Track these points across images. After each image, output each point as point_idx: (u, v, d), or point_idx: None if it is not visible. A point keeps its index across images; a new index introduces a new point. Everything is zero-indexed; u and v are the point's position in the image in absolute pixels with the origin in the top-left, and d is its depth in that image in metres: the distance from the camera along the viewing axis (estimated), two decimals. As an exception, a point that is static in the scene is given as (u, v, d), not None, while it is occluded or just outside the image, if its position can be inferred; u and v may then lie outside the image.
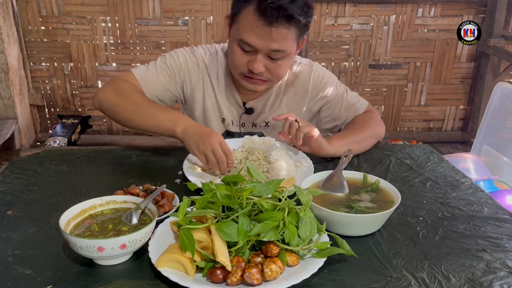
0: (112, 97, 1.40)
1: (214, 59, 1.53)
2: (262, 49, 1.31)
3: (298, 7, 1.26)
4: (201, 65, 1.52)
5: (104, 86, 1.46)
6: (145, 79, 1.45)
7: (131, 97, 1.39)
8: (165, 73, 1.48)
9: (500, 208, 1.15)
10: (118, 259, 0.88)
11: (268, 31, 1.27)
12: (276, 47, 1.30)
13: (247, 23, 1.29)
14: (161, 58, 1.52)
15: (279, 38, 1.29)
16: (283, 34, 1.29)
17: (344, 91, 1.58)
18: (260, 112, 1.56)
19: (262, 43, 1.30)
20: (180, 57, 1.50)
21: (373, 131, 1.51)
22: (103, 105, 1.42)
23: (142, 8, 3.64)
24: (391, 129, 4.18)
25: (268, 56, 1.34)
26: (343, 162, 1.21)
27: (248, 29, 1.30)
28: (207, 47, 1.56)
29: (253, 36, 1.29)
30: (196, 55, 1.52)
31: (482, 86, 3.97)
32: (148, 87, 1.45)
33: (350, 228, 0.99)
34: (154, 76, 1.47)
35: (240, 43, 1.33)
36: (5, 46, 3.22)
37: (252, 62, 1.34)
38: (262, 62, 1.34)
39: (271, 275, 0.81)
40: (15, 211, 1.08)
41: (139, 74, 1.46)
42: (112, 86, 1.43)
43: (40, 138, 3.80)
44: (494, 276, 0.88)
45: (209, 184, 0.94)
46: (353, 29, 3.85)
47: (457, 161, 2.72)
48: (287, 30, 1.29)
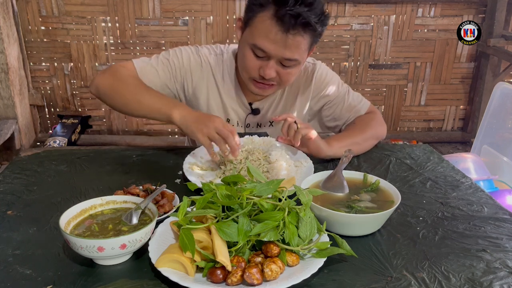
0: (109, 82, 1.39)
1: (219, 59, 1.52)
2: (275, 56, 1.31)
3: (316, 15, 1.26)
4: (205, 65, 1.51)
5: (102, 71, 1.45)
6: (144, 71, 1.44)
7: (128, 82, 1.37)
8: (166, 69, 1.47)
9: (500, 208, 1.15)
10: (118, 259, 0.88)
11: (283, 38, 1.27)
12: (289, 56, 1.30)
13: (263, 29, 1.28)
14: (164, 53, 1.50)
15: (293, 46, 1.29)
16: (298, 42, 1.28)
17: (347, 91, 1.58)
18: (265, 112, 1.56)
19: (276, 50, 1.29)
20: (184, 55, 1.49)
21: (374, 133, 1.50)
22: (100, 89, 1.40)
23: (142, 8, 3.64)
24: (391, 129, 4.19)
25: (280, 63, 1.34)
26: (343, 162, 1.21)
27: (263, 35, 1.28)
28: (212, 47, 1.55)
29: (268, 42, 1.28)
30: (201, 55, 1.51)
31: (482, 86, 3.97)
32: (147, 80, 1.43)
33: (350, 228, 0.99)
34: (154, 70, 1.45)
35: (253, 48, 1.32)
36: (5, 46, 3.22)
37: (264, 68, 1.33)
38: (274, 68, 1.34)
39: (271, 275, 0.81)
40: (15, 211, 1.08)
41: (139, 65, 1.45)
42: (110, 71, 1.42)
43: (40, 138, 3.80)
44: (494, 276, 0.88)
45: (209, 184, 0.94)
46: (353, 29, 3.85)
47: (457, 161, 2.72)
48: (302, 38, 1.28)
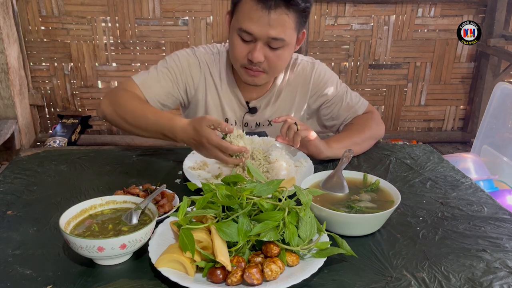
0: (110, 112, 1.39)
1: (216, 58, 1.52)
2: (260, 36, 1.30)
3: None
4: (203, 65, 1.51)
5: (104, 98, 1.44)
6: (146, 85, 1.44)
7: (129, 109, 1.36)
8: (167, 77, 1.46)
9: (500, 208, 1.15)
10: (118, 259, 0.88)
11: (266, 16, 1.27)
12: (275, 34, 1.29)
13: (246, 11, 1.29)
14: (161, 62, 1.50)
15: (278, 25, 1.28)
16: (282, 20, 1.28)
17: (345, 91, 1.58)
18: (263, 111, 1.56)
19: (260, 30, 1.29)
20: (181, 59, 1.49)
21: (372, 133, 1.50)
22: (107, 118, 1.42)
23: (142, 8, 3.64)
24: (391, 129, 4.18)
25: (268, 46, 1.33)
26: (343, 162, 1.21)
27: (247, 17, 1.29)
28: (209, 47, 1.55)
29: (252, 23, 1.29)
30: (197, 55, 1.51)
31: (482, 86, 3.97)
32: (150, 93, 1.43)
33: (350, 228, 0.99)
34: (155, 81, 1.45)
35: (240, 33, 1.33)
36: (5, 46, 3.22)
37: (252, 51, 1.33)
38: (262, 51, 1.33)
39: (271, 275, 0.81)
40: (15, 211, 1.08)
41: (140, 80, 1.44)
42: (110, 99, 1.41)
43: (40, 138, 3.80)
44: (494, 276, 0.88)
45: (209, 184, 0.94)
46: (353, 29, 3.85)
47: (457, 161, 2.72)
48: (286, 16, 1.28)
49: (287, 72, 1.55)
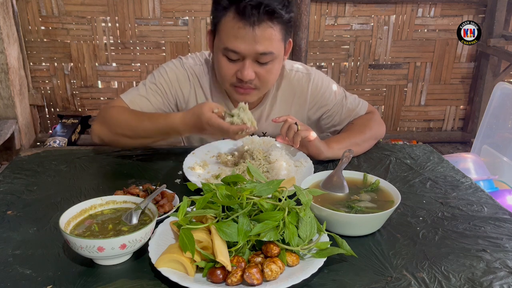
0: (106, 133, 1.37)
1: (205, 69, 1.48)
2: (248, 54, 1.27)
3: (278, 1, 1.23)
4: (192, 77, 1.47)
5: (94, 123, 1.42)
6: (136, 104, 1.40)
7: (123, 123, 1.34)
8: (156, 94, 1.43)
9: (500, 208, 1.15)
10: (118, 259, 0.88)
11: (251, 32, 1.23)
12: (263, 49, 1.26)
13: (229, 30, 1.25)
14: (150, 77, 1.46)
15: (264, 39, 1.25)
16: (268, 34, 1.25)
17: (343, 96, 1.54)
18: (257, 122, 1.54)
19: (247, 47, 1.25)
20: (169, 73, 1.45)
21: (373, 133, 1.50)
22: (104, 140, 1.40)
23: (142, 8, 3.65)
24: (391, 129, 4.19)
25: (257, 61, 1.29)
26: (343, 162, 1.21)
27: (231, 36, 1.25)
28: (197, 56, 1.51)
29: (237, 41, 1.25)
30: (186, 67, 1.47)
31: (482, 86, 3.97)
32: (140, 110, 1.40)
33: (350, 228, 0.99)
34: (144, 100, 1.42)
35: (225, 52, 1.29)
36: (5, 46, 3.22)
37: (241, 70, 1.29)
38: (251, 68, 1.29)
39: (271, 275, 0.81)
40: (15, 211, 1.08)
41: (128, 98, 1.41)
42: (100, 121, 1.39)
43: (40, 138, 3.80)
44: (494, 276, 0.88)
45: (209, 184, 0.94)
46: (353, 29, 3.85)
47: (457, 161, 2.72)
48: (271, 29, 1.25)
49: (281, 83, 1.50)
